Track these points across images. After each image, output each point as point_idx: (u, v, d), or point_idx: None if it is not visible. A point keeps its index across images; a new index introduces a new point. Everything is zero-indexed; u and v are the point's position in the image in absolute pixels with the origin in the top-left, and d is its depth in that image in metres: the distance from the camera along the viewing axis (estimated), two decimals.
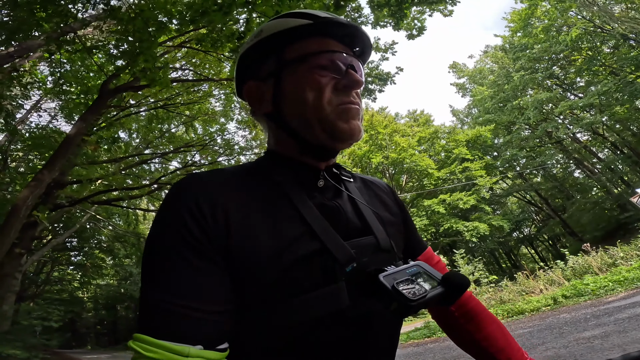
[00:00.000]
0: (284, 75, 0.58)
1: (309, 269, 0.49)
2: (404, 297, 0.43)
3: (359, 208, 0.61)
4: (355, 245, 0.53)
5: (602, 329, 4.00)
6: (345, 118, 0.56)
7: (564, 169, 26.65)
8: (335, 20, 0.58)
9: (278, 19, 0.60)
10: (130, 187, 9.55)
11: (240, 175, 0.56)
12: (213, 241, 0.46)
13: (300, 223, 0.52)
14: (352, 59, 0.60)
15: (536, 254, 29.95)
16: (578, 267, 8.75)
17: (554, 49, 18.01)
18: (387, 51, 9.76)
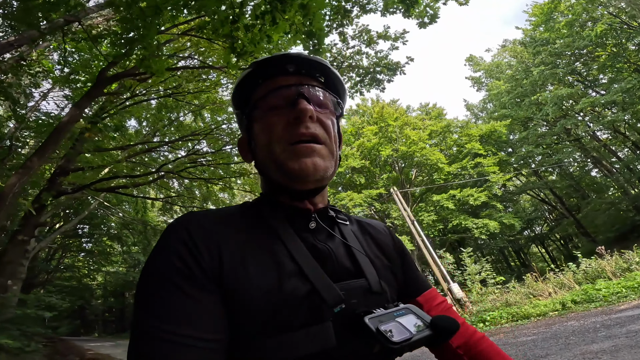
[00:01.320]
0: (250, 126, 0.63)
1: (297, 308, 0.49)
2: (386, 340, 0.44)
3: (351, 251, 0.62)
4: (345, 287, 0.53)
5: (612, 341, 3.73)
6: (295, 157, 0.56)
7: (581, 168, 25.78)
8: (275, 57, 0.61)
9: (237, 78, 0.65)
10: (133, 175, 9.53)
11: (236, 216, 0.58)
12: (207, 271, 0.47)
13: (291, 263, 0.53)
14: (304, 87, 0.60)
15: (547, 254, 29.27)
16: (591, 270, 8.39)
17: (577, 44, 17.25)
18: (397, 40, 9.38)
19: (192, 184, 13.44)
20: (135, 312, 0.45)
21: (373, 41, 9.15)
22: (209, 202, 14.24)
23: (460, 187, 20.63)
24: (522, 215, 25.11)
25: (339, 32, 8.40)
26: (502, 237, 22.73)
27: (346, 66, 9.69)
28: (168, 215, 16.76)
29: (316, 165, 0.56)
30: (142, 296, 0.46)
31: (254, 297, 0.48)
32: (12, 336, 6.17)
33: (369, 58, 9.62)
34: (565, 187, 24.59)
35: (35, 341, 7.55)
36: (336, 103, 0.66)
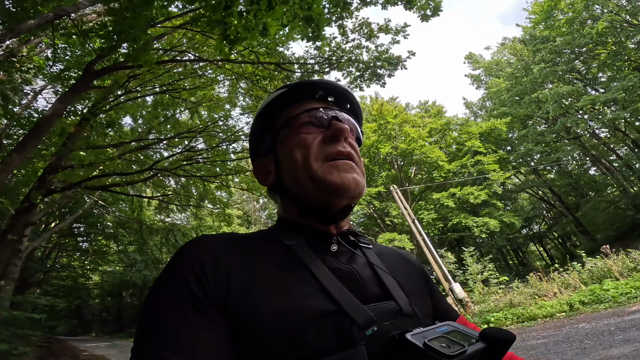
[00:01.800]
0: (278, 146, 0.62)
1: (321, 331, 0.45)
2: (439, 354, 0.39)
3: (377, 274, 0.59)
4: (373, 309, 0.50)
5: (632, 345, 3.53)
6: (335, 172, 0.55)
7: (580, 166, 25.74)
8: (307, 82, 0.63)
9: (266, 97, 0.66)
10: (126, 173, 9.28)
11: (251, 239, 0.56)
12: (213, 300, 0.45)
13: (313, 282, 0.50)
14: (334, 111, 0.62)
15: (545, 252, 29.23)
16: (596, 270, 8.20)
17: (578, 42, 17.16)
18: (398, 34, 9.15)
19: (188, 182, 13.23)
20: (137, 333, 0.44)
21: (373, 35, 8.91)
22: (205, 200, 14.06)
23: (460, 185, 20.48)
24: (521, 213, 25.03)
25: (339, 25, 8.17)
26: (502, 235, 22.64)
27: (345, 60, 9.46)
28: (164, 214, 16.51)
29: (356, 180, 0.56)
30: (145, 319, 0.45)
31: (271, 319, 0.44)
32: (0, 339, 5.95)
33: (369, 52, 9.39)
34: (564, 186, 24.55)
35: (26, 343, 7.33)
36: (359, 131, 0.68)
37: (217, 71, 9.31)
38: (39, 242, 13.25)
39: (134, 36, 3.43)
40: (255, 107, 10.13)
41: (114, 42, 3.59)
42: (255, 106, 9.50)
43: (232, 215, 18.66)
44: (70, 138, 7.12)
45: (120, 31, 3.47)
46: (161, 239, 16.14)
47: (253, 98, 9.92)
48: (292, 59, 8.30)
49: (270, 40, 7.13)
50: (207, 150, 11.58)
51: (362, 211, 21.82)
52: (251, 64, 7.43)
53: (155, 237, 16.53)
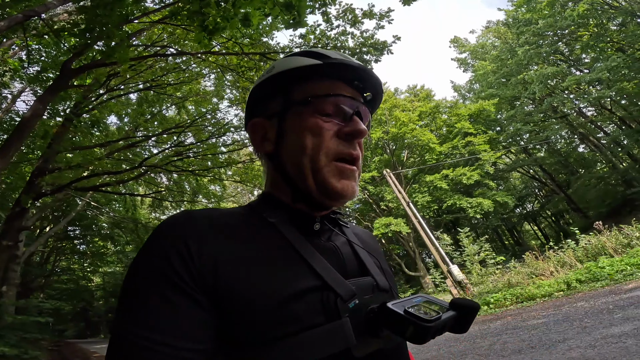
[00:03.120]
0: (288, 116, 0.58)
1: (308, 305, 0.46)
2: (419, 319, 0.42)
3: (355, 251, 0.61)
4: (354, 284, 0.52)
5: (632, 324, 3.57)
6: (338, 177, 0.55)
7: (569, 144, 26.05)
8: (347, 63, 0.58)
9: (290, 57, 0.60)
10: (114, 172, 9.08)
11: (235, 216, 0.55)
12: (197, 280, 0.44)
13: (298, 260, 0.51)
14: (360, 105, 0.59)
15: (539, 231, 29.76)
16: (591, 247, 8.30)
17: (560, 24, 17.16)
18: (382, 19, 8.97)
19: (180, 178, 13.05)
20: (116, 313, 0.43)
21: (358, 20, 8.72)
22: (199, 195, 13.92)
23: (452, 167, 20.58)
24: (514, 192, 25.33)
25: (322, 12, 7.96)
26: (496, 215, 22.94)
27: (331, 47, 9.27)
28: (159, 212, 16.32)
29: (353, 190, 0.57)
30: (124, 298, 0.44)
31: (258, 295, 0.44)
32: (9, 344, 5.91)
33: (354, 38, 9.22)
34: (554, 164, 24.84)
35: (36, 347, 7.34)
36: (369, 123, 0.66)
37: (202, 65, 9.07)
38: (35, 246, 13.07)
39: (107, 33, 3.23)
40: (242, 99, 9.92)
41: (87, 40, 3.40)
42: (244, 98, 9.29)
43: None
44: (55, 140, 6.91)
45: (93, 29, 3.27)
46: None
47: (240, 90, 9.70)
48: (277, 49, 8.09)
49: (253, 30, 6.91)
50: (196, 145, 11.39)
51: (357, 197, 21.84)
52: (236, 55, 7.21)
53: None
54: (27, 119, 4.91)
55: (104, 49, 3.44)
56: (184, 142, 11.42)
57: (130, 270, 0.46)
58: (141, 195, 13.92)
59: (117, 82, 8.68)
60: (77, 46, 4.29)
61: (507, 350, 4.06)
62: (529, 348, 3.92)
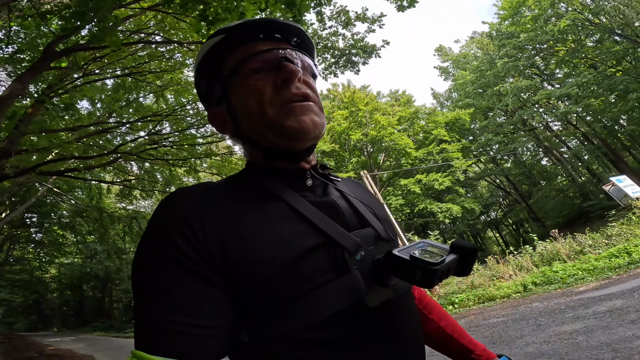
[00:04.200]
0: (229, 93, 0.59)
1: (317, 262, 0.47)
2: (426, 262, 0.43)
3: (351, 203, 0.61)
4: (357, 236, 0.53)
5: (582, 322, 3.95)
6: (292, 116, 0.54)
7: (533, 156, 27.63)
8: (247, 22, 0.59)
9: (203, 45, 0.62)
10: (84, 157, 8.69)
11: (228, 187, 0.56)
12: (206, 258, 0.45)
13: (299, 220, 0.51)
14: (286, 50, 0.59)
15: (501, 238, 31.37)
16: (546, 253, 8.94)
17: (540, 39, 18.08)
18: (374, 23, 9.19)
19: (153, 167, 12.64)
20: (135, 301, 0.45)
21: (350, 22, 8.88)
22: (172, 186, 13.56)
23: (426, 172, 21.30)
24: (480, 200, 26.56)
25: (317, 11, 8.05)
26: (463, 221, 23.97)
27: (322, 47, 9.38)
28: (127, 201, 15.71)
29: (314, 122, 0.56)
30: (136, 282, 0.45)
31: (264, 264, 0.45)
32: None
33: (345, 40, 9.38)
34: (519, 174, 26.29)
35: None
36: (312, 65, 0.65)
37: (187, 54, 8.87)
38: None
39: (99, 17, 3.16)
40: None
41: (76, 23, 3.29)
42: None
43: None
44: (23, 121, 6.54)
45: (85, 12, 3.19)
46: (124, 228, 15.38)
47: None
48: None
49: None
50: (174, 134, 11.10)
51: None
52: None
53: (117, 226, 15.73)
54: (4, 99, 4.66)
55: (95, 33, 3.33)
56: (160, 131, 11.10)
57: (137, 257, 0.47)
58: (109, 182, 13.38)
59: (95, 67, 8.31)
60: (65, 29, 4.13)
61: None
62: (491, 343, 4.23)
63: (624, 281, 5.25)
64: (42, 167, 8.39)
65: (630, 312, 3.67)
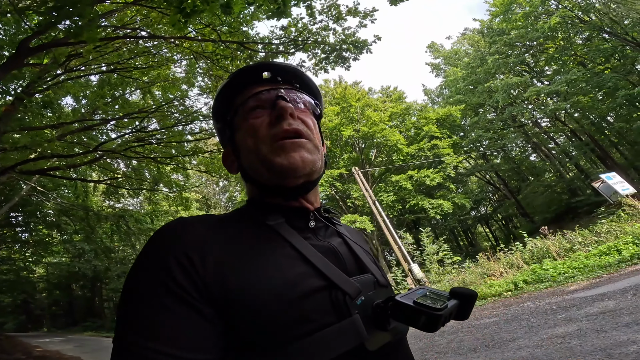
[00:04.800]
0: (235, 134, 0.63)
1: (318, 304, 0.47)
2: (430, 308, 0.44)
3: (352, 248, 0.63)
4: (357, 281, 0.53)
5: (575, 325, 3.92)
6: (281, 153, 0.56)
7: (522, 152, 27.97)
8: (250, 67, 0.64)
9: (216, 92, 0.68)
10: (66, 155, 8.42)
11: (231, 221, 0.56)
12: (200, 289, 0.44)
13: (301, 261, 0.51)
14: (279, 92, 0.62)
15: (491, 233, 31.78)
16: (536, 250, 8.98)
17: (530, 36, 18.14)
18: (366, 17, 9.04)
19: (140, 164, 12.37)
20: (117, 324, 0.44)
21: (341, 17, 8.71)
22: (160, 183, 13.30)
23: (417, 168, 21.36)
24: (471, 196, 26.82)
25: (307, 5, 7.86)
26: (454, 217, 24.18)
27: (312, 42, 9.20)
28: (114, 199, 15.38)
29: (304, 158, 0.56)
30: (124, 308, 0.44)
31: (266, 300, 0.45)
32: None
33: (336, 35, 9.21)
34: (508, 170, 26.61)
35: None
36: (314, 104, 0.67)
37: (174, 50, 8.61)
38: None
39: (78, 12, 2.96)
40: (215, 87, 9.60)
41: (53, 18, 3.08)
42: (215, 86, 8.98)
43: (190, 199, 17.87)
44: (2, 119, 6.26)
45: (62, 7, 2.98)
46: (111, 226, 15.07)
47: (213, 78, 9.36)
48: (256, 39, 7.87)
49: (233, 19, 6.66)
50: (161, 131, 10.83)
51: (325, 193, 22.04)
52: (212, 42, 6.92)
53: (104, 225, 15.40)
54: None
55: (73, 28, 3.13)
56: (146, 128, 10.81)
57: (129, 281, 0.46)
58: (94, 181, 13.06)
59: (77, 63, 8.02)
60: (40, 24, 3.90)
61: (464, 349, 4.30)
62: (484, 346, 4.19)
63: (615, 280, 5.27)
64: (23, 165, 8.09)
65: (624, 314, 3.65)
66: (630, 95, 14.40)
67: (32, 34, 4.96)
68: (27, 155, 7.93)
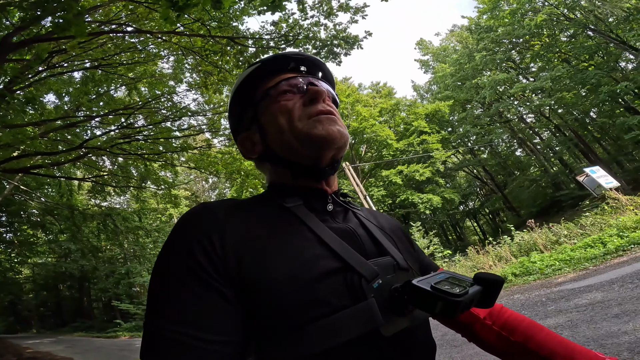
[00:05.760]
0: (260, 116, 0.64)
1: (333, 287, 0.47)
2: (447, 294, 0.42)
3: (370, 231, 0.62)
4: (375, 264, 0.52)
5: (565, 316, 4.02)
6: (319, 125, 0.58)
7: (508, 147, 28.51)
8: (280, 55, 0.66)
9: (241, 74, 0.68)
10: (49, 152, 8.18)
11: (250, 205, 0.57)
12: (222, 273, 0.45)
13: (318, 244, 0.52)
14: (309, 78, 0.65)
15: (478, 227, 32.37)
16: (524, 243, 9.18)
17: (517, 33, 18.42)
18: (357, 13, 9.01)
19: (127, 162, 12.11)
20: (147, 312, 0.45)
21: (333, 12, 8.67)
22: (147, 181, 13.06)
23: (407, 163, 21.56)
24: (459, 190, 27.23)
25: (298, 0, 7.79)
26: (443, 211, 24.52)
27: (303, 37, 9.13)
28: (100, 198, 15.04)
29: (341, 131, 0.59)
30: (152, 294, 0.46)
31: (281, 283, 0.45)
32: None
33: (327, 30, 9.17)
34: (495, 165, 27.09)
35: None
36: (334, 95, 0.70)
37: (161, 46, 8.41)
38: None
39: (64, 6, 2.84)
40: (203, 83, 9.43)
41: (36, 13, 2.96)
42: (204, 82, 8.83)
43: (179, 196, 17.62)
44: None
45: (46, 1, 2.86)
46: (98, 225, 14.74)
47: (201, 74, 9.20)
48: (246, 34, 7.75)
49: (223, 14, 6.53)
50: (148, 128, 10.61)
51: None
52: (201, 38, 6.78)
53: (90, 224, 15.05)
54: None
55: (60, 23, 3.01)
56: (133, 125, 10.58)
57: (156, 268, 0.48)
58: (79, 179, 12.72)
59: (60, 59, 7.76)
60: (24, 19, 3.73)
61: (458, 341, 4.37)
62: None
63: (601, 272, 5.43)
64: (6, 164, 7.82)
65: (612, 305, 3.76)
66: (613, 92, 14.78)
67: (14, 30, 4.78)
68: (10, 154, 7.68)
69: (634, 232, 6.60)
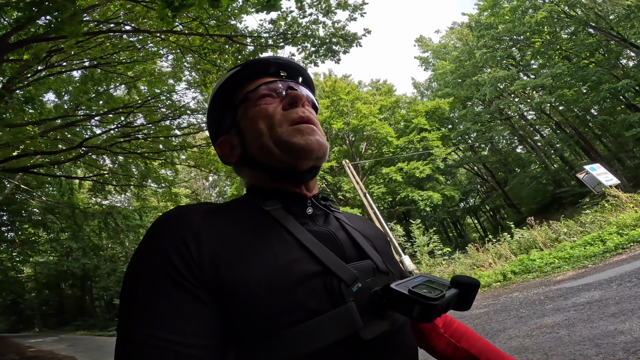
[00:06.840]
0: (240, 120, 0.64)
1: (312, 291, 0.47)
2: (425, 297, 0.43)
3: (351, 234, 0.62)
4: (354, 268, 0.52)
5: (563, 315, 4.03)
6: (298, 135, 0.58)
7: (509, 144, 28.45)
8: (260, 60, 0.66)
9: (220, 78, 0.68)
10: (49, 152, 8.20)
11: (229, 208, 0.57)
12: (199, 277, 0.44)
13: (298, 247, 0.51)
14: (289, 83, 0.65)
15: (479, 225, 32.37)
16: (523, 241, 9.19)
17: (517, 30, 18.33)
18: (355, 11, 8.98)
19: (127, 160, 12.13)
20: (120, 317, 0.44)
21: (331, 10, 8.64)
22: (148, 179, 13.09)
23: (407, 160, 21.54)
24: (459, 187, 27.22)
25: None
26: (443, 208, 24.53)
27: (301, 35, 9.10)
28: (100, 196, 15.08)
29: (319, 142, 0.59)
30: (128, 299, 0.44)
31: (263, 286, 0.45)
32: None
33: (325, 28, 9.14)
34: (495, 162, 27.06)
35: None
36: (314, 100, 0.71)
37: (160, 44, 8.39)
38: None
39: (58, 6, 2.84)
40: (203, 81, 9.42)
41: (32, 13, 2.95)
42: (203, 80, 8.82)
43: (179, 194, 17.66)
44: None
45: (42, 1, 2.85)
46: (99, 224, 14.79)
47: (200, 72, 9.19)
48: (244, 33, 7.73)
49: (221, 12, 6.51)
50: (147, 126, 10.60)
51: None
52: (199, 36, 6.77)
53: (91, 222, 15.09)
54: None
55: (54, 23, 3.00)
56: (132, 123, 10.58)
57: (129, 270, 0.46)
58: (79, 178, 12.74)
59: (59, 59, 7.76)
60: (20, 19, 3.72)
61: None
62: None
63: (600, 270, 5.43)
64: (6, 163, 7.84)
65: (610, 304, 3.77)
66: (614, 89, 14.73)
67: (11, 30, 4.77)
68: (10, 153, 7.71)
69: (633, 230, 6.60)
